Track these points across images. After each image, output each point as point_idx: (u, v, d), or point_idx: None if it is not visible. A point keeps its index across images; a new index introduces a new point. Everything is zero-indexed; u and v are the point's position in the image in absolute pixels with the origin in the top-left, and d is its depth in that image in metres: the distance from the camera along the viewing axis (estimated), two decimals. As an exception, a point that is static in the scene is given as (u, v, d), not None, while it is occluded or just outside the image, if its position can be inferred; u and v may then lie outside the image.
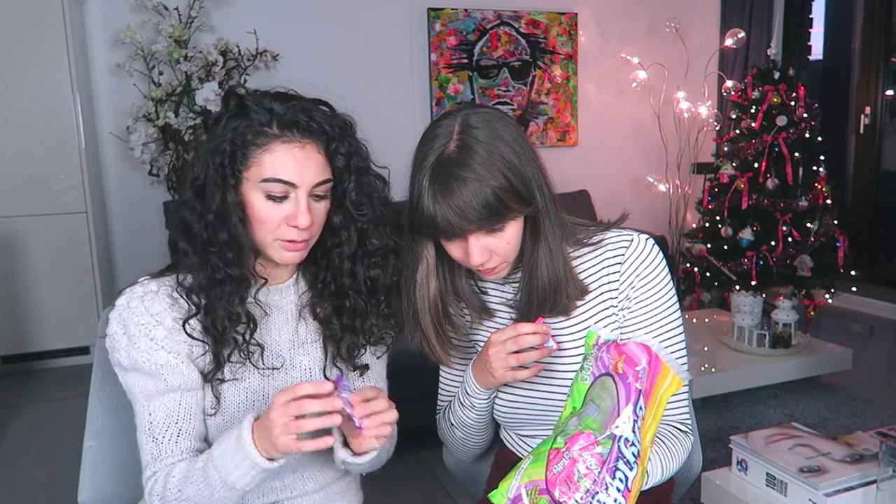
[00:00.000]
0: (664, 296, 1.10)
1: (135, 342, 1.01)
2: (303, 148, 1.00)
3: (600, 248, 1.12)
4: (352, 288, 1.09)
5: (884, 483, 1.34)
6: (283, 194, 0.99)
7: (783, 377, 3.18)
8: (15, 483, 2.57)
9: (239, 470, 0.93)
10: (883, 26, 4.50)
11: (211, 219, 0.99)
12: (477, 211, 0.97)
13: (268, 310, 1.10)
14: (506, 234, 1.02)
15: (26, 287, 3.66)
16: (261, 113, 0.99)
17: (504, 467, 1.25)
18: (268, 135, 0.99)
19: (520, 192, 1.00)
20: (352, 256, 1.09)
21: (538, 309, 1.08)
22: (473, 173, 0.97)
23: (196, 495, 0.97)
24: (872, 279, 4.50)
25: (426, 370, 1.44)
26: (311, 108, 1.02)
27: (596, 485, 0.79)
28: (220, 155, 0.99)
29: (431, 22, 4.54)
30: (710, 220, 3.59)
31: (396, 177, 1.12)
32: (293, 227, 1.00)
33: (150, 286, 1.05)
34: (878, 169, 4.68)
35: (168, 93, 3.75)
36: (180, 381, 1.02)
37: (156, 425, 1.02)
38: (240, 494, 0.97)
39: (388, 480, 2.46)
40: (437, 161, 0.99)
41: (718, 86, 4.83)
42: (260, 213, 1.00)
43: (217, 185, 0.99)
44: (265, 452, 0.92)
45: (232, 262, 1.01)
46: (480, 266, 1.04)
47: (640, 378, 0.84)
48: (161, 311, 1.02)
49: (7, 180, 3.55)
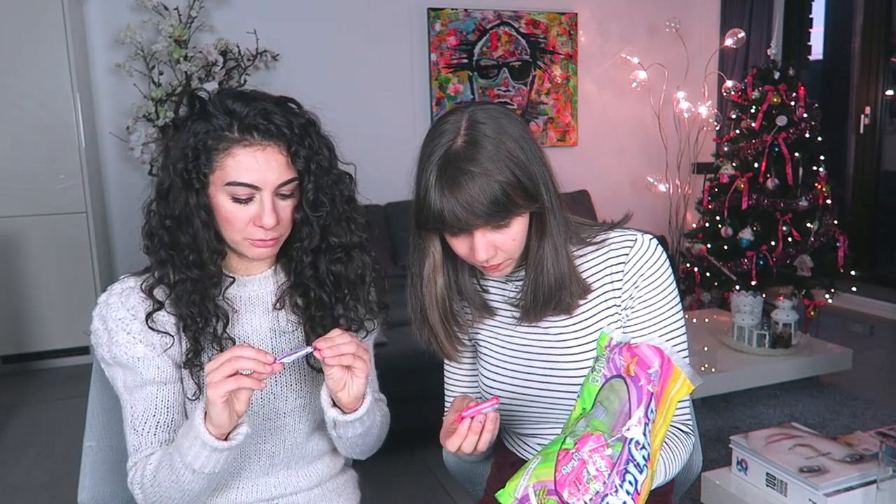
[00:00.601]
0: (668, 296, 1.10)
1: (114, 336, 1.05)
2: (264, 150, 1.01)
3: (604, 247, 1.12)
4: (313, 280, 1.12)
5: (884, 483, 1.34)
6: (247, 196, 1.01)
7: (783, 377, 3.18)
8: (15, 483, 2.58)
9: (193, 450, 0.95)
10: (883, 26, 4.50)
11: (169, 224, 1.02)
12: (484, 206, 0.97)
13: (244, 303, 1.12)
14: (511, 231, 1.03)
15: (26, 287, 3.66)
16: (221, 117, 1.00)
17: (504, 468, 1.25)
18: (228, 139, 1.00)
19: (526, 188, 1.00)
20: (314, 251, 1.10)
21: (543, 307, 1.09)
22: (481, 168, 0.97)
23: (166, 481, 0.99)
24: (872, 279, 4.50)
25: (426, 370, 1.44)
26: (271, 110, 1.02)
27: (606, 487, 0.79)
28: (182, 160, 1.01)
29: (431, 22, 4.54)
30: (710, 220, 3.59)
31: (396, 176, 1.13)
32: (259, 227, 1.02)
33: (128, 282, 1.08)
34: (878, 169, 4.68)
35: (168, 93, 3.75)
36: (155, 374, 1.05)
37: (136, 418, 1.05)
38: (205, 479, 0.98)
39: (387, 480, 2.47)
40: (445, 156, 0.99)
41: (718, 86, 4.83)
42: (228, 214, 1.02)
43: (180, 189, 1.01)
44: (217, 431, 0.94)
45: (192, 264, 1.04)
46: (486, 263, 1.05)
47: (652, 381, 0.83)
48: (136, 306, 1.06)
49: (7, 180, 3.55)
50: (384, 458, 1.27)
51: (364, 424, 1.08)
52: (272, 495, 1.15)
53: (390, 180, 4.15)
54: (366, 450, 1.19)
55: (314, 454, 1.19)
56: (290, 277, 1.13)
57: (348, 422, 1.06)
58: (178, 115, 3.52)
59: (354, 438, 1.11)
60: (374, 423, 1.12)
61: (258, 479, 1.14)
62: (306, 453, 1.17)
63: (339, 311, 1.13)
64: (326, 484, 1.21)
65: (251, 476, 1.13)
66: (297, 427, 1.14)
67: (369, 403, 1.06)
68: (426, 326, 1.14)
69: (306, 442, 1.16)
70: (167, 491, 1.00)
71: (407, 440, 2.21)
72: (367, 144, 1.13)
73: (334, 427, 1.08)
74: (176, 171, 1.01)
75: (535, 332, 1.14)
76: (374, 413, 1.12)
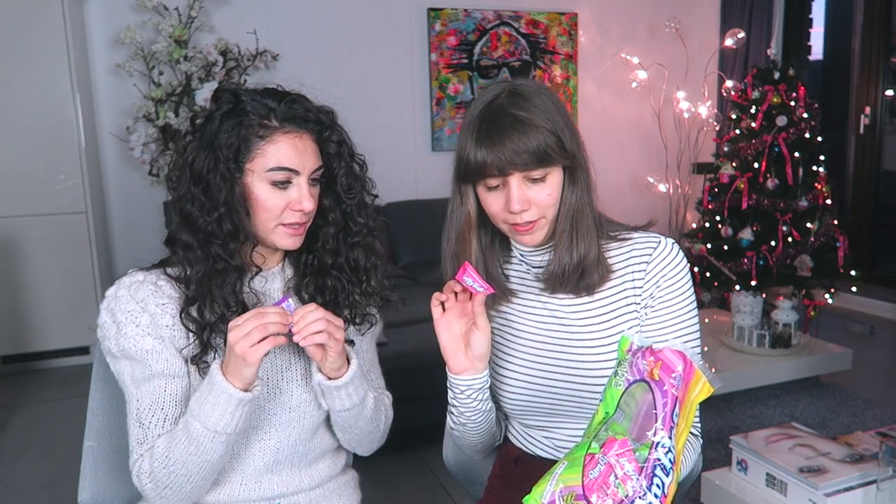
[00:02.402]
0: (686, 299, 1.12)
1: (122, 329, 1.05)
2: (301, 137, 1.07)
3: (628, 244, 1.14)
4: (334, 266, 1.16)
5: (884, 483, 1.34)
6: (286, 180, 1.06)
7: (783, 377, 3.18)
8: (15, 483, 2.58)
9: (217, 409, 0.98)
10: (883, 26, 4.50)
11: (223, 210, 1.04)
12: (523, 150, 1.01)
13: (260, 297, 1.14)
14: (546, 186, 1.06)
15: (26, 287, 3.66)
16: (260, 107, 1.05)
17: (507, 464, 1.25)
18: (269, 127, 1.05)
19: (564, 142, 1.05)
20: (335, 236, 1.15)
21: (566, 282, 1.11)
22: (524, 114, 1.03)
23: (183, 455, 1.00)
24: (872, 279, 4.50)
25: (426, 370, 1.44)
26: (300, 101, 1.08)
27: (635, 492, 0.79)
28: (226, 149, 1.03)
29: (431, 22, 4.54)
30: (710, 220, 3.59)
31: (396, 176, 1.14)
32: (298, 210, 1.07)
33: (136, 276, 1.09)
34: (878, 169, 4.68)
35: (168, 93, 3.75)
36: (164, 367, 1.05)
37: (142, 411, 1.05)
38: (225, 442, 1.00)
39: (388, 480, 2.47)
40: (488, 106, 1.05)
41: (718, 86, 4.83)
42: (265, 201, 1.06)
43: (224, 179, 1.04)
44: (242, 385, 0.98)
45: (234, 252, 1.07)
46: (518, 220, 1.06)
47: (676, 384, 0.84)
48: (145, 298, 1.06)
49: (7, 180, 3.55)
50: (384, 458, 1.27)
51: (351, 399, 1.10)
52: (273, 494, 1.15)
53: (390, 180, 4.17)
54: (362, 437, 1.19)
55: (317, 453, 1.19)
56: (301, 266, 1.17)
57: (332, 388, 1.08)
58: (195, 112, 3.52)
59: (344, 415, 1.12)
60: (364, 403, 1.13)
61: (261, 477, 1.14)
62: (309, 451, 1.17)
63: (356, 295, 1.16)
64: (327, 484, 1.21)
65: (255, 473, 1.14)
66: (303, 423, 1.14)
67: (354, 372, 1.08)
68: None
69: (310, 439, 1.17)
70: (184, 467, 1.01)
71: (407, 440, 2.21)
72: (367, 144, 1.14)
73: (322, 395, 1.11)
74: (219, 160, 1.03)
75: (549, 323, 1.15)
76: (366, 391, 1.14)
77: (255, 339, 0.95)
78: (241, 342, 0.95)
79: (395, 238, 4.16)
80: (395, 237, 4.16)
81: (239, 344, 0.95)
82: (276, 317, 0.97)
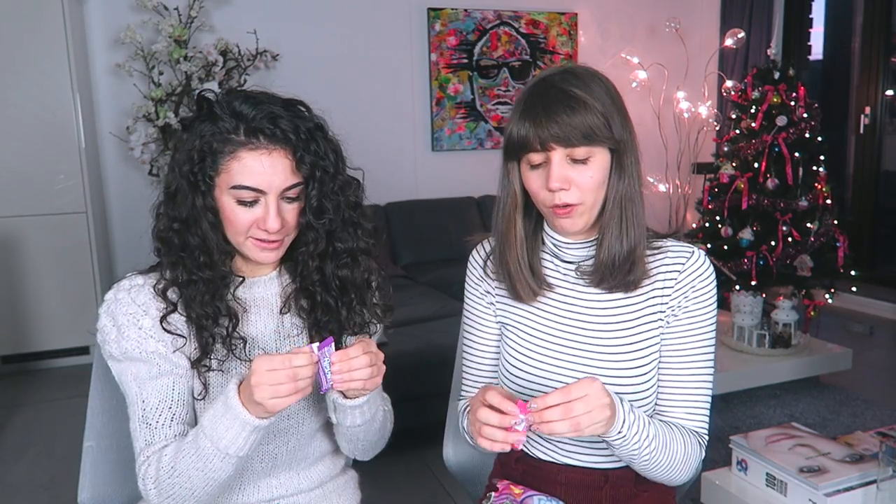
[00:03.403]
0: (710, 312, 1.12)
1: (124, 332, 1.04)
2: (270, 154, 1.00)
3: (661, 252, 1.14)
4: (320, 285, 1.11)
5: (884, 483, 1.34)
6: (252, 199, 1.01)
7: (783, 377, 3.18)
8: (15, 483, 2.57)
9: (230, 432, 0.95)
10: (883, 26, 4.50)
11: (176, 227, 1.03)
12: (566, 125, 1.00)
13: (250, 304, 1.12)
14: (589, 168, 1.04)
15: (26, 287, 3.66)
16: (227, 119, 1.00)
17: (508, 463, 1.24)
18: (234, 142, 1.00)
19: (612, 126, 1.03)
20: (321, 255, 1.10)
21: (616, 273, 1.09)
22: (573, 90, 1.02)
23: (189, 469, 0.98)
24: (872, 279, 4.50)
25: (426, 370, 1.45)
26: (278, 114, 1.01)
27: None
28: (188, 162, 1.01)
29: (431, 22, 4.54)
30: (710, 220, 3.58)
31: (396, 176, 1.13)
32: (263, 229, 1.03)
33: (136, 280, 1.08)
34: (878, 169, 4.68)
35: (168, 93, 3.75)
36: (171, 367, 1.04)
37: (149, 410, 1.03)
38: (234, 464, 0.98)
39: (388, 480, 2.47)
40: (540, 82, 1.05)
41: (718, 86, 4.83)
42: (232, 216, 1.03)
43: (187, 191, 1.01)
44: (254, 412, 0.94)
45: (203, 265, 1.04)
46: (557, 199, 1.05)
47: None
48: (146, 302, 1.05)
49: (7, 180, 3.55)
50: (384, 458, 1.27)
51: (364, 416, 1.08)
52: (273, 496, 1.15)
53: (390, 180, 4.17)
54: (367, 447, 1.18)
55: (316, 455, 1.19)
56: (296, 281, 1.13)
57: (347, 407, 1.05)
58: (182, 116, 3.54)
59: (354, 429, 1.10)
60: (375, 418, 1.12)
61: (260, 481, 1.14)
62: (308, 454, 1.17)
63: (344, 314, 1.12)
64: (327, 485, 1.21)
65: (253, 477, 1.13)
66: (301, 429, 1.14)
67: (371, 396, 1.06)
68: (504, 265, 1.15)
69: (309, 443, 1.17)
70: (189, 480, 0.98)
71: (407, 440, 2.20)
72: (367, 144, 1.13)
73: (335, 411, 1.08)
74: (182, 173, 1.01)
75: (569, 323, 1.15)
76: (378, 406, 1.12)
77: (283, 393, 0.91)
78: (267, 391, 0.90)
79: (395, 238, 4.16)
80: (395, 237, 4.16)
81: (266, 393, 0.91)
82: (308, 370, 0.92)
